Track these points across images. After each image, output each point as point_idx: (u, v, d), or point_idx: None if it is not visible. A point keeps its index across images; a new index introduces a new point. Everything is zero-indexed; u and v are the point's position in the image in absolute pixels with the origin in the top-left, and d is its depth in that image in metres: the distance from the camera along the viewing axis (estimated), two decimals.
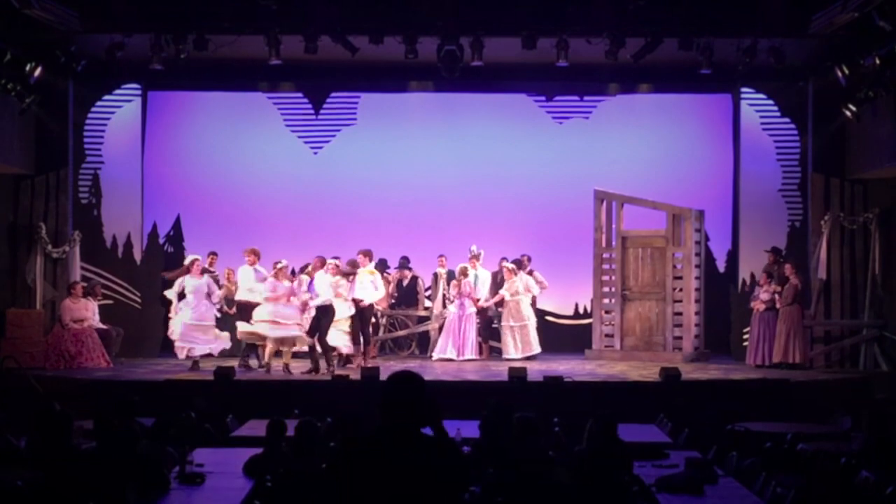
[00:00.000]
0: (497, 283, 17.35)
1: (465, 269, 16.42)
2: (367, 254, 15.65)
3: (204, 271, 15.45)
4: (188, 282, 15.08)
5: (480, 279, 16.68)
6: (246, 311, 15.26)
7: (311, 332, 14.72)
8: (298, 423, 8.25)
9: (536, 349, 16.59)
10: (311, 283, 14.84)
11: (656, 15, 14.92)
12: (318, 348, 14.76)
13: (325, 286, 14.69)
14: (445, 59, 15.09)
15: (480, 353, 16.61)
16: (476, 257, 16.65)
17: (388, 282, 17.14)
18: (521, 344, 16.52)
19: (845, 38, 14.95)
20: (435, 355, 16.47)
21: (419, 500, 4.76)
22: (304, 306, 14.93)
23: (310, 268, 15.23)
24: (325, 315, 14.64)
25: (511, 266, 16.62)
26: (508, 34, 15.08)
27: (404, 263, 17.31)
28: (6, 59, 14.36)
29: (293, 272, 15.64)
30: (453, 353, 16.34)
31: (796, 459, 9.22)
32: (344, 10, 15.07)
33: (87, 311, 15.88)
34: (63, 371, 15.04)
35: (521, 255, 17.20)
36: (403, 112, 18.38)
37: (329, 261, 15.17)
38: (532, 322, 16.66)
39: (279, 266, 14.96)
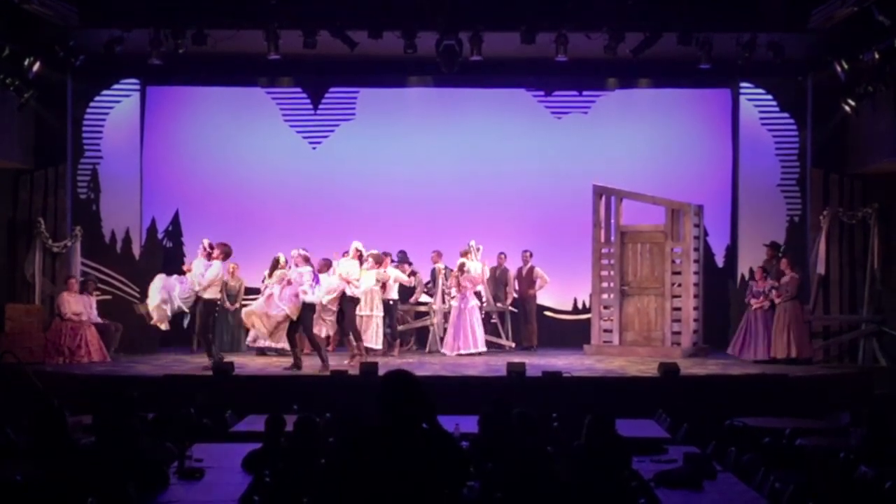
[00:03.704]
0: (495, 276, 17.40)
1: (463, 264, 16.40)
2: (327, 264, 15.38)
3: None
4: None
5: (476, 272, 16.65)
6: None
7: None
8: (297, 419, 8.26)
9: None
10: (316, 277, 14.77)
11: (655, 9, 14.94)
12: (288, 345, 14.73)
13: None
14: (444, 53, 15.08)
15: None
16: (468, 252, 16.60)
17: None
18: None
19: (844, 33, 14.96)
20: (445, 352, 16.43)
21: (418, 494, 4.76)
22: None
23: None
24: (307, 312, 14.58)
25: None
26: (507, 29, 15.08)
27: (403, 258, 17.29)
28: (5, 53, 14.34)
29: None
30: (458, 347, 16.33)
31: (795, 455, 9.22)
32: (343, 4, 15.07)
33: (85, 306, 15.90)
34: (62, 366, 15.04)
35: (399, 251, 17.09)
36: (402, 107, 18.38)
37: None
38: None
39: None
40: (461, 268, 16.39)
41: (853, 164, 16.63)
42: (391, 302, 16.37)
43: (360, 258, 15.54)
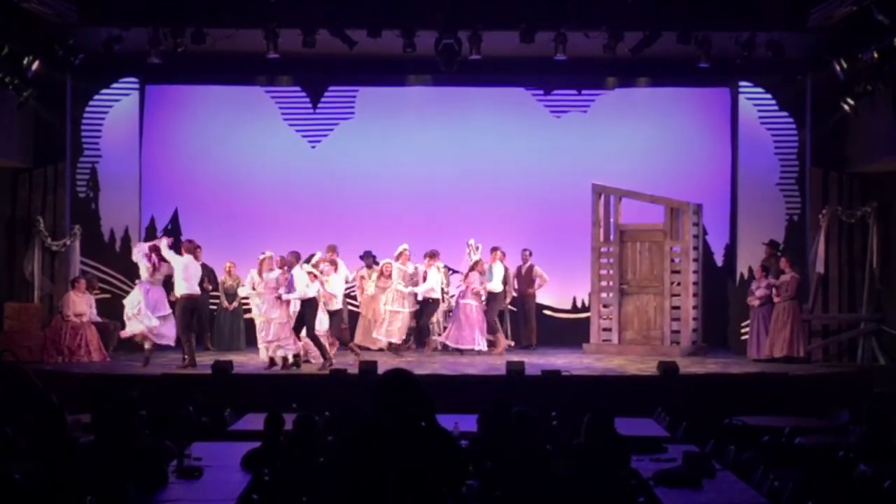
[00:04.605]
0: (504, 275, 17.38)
1: (485, 269, 16.39)
2: (296, 257, 15.10)
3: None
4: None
5: (495, 272, 16.59)
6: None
7: (296, 328, 14.61)
8: (297, 418, 8.26)
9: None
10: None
11: (654, 8, 14.95)
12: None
13: (305, 280, 14.58)
14: (443, 52, 15.08)
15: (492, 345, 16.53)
16: (497, 250, 16.61)
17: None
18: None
19: (844, 32, 14.96)
20: (444, 343, 16.44)
21: (417, 493, 4.77)
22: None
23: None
24: (309, 308, 14.57)
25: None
26: (506, 28, 15.09)
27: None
28: (4, 52, 14.33)
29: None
30: (446, 338, 16.34)
31: (794, 453, 9.23)
32: (342, 3, 15.08)
33: (87, 305, 15.90)
34: (61, 365, 15.04)
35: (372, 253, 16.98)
36: (401, 106, 18.36)
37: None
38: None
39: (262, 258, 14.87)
40: (476, 265, 16.28)
41: (852, 163, 16.63)
42: (430, 300, 16.35)
43: (315, 277, 15.25)
